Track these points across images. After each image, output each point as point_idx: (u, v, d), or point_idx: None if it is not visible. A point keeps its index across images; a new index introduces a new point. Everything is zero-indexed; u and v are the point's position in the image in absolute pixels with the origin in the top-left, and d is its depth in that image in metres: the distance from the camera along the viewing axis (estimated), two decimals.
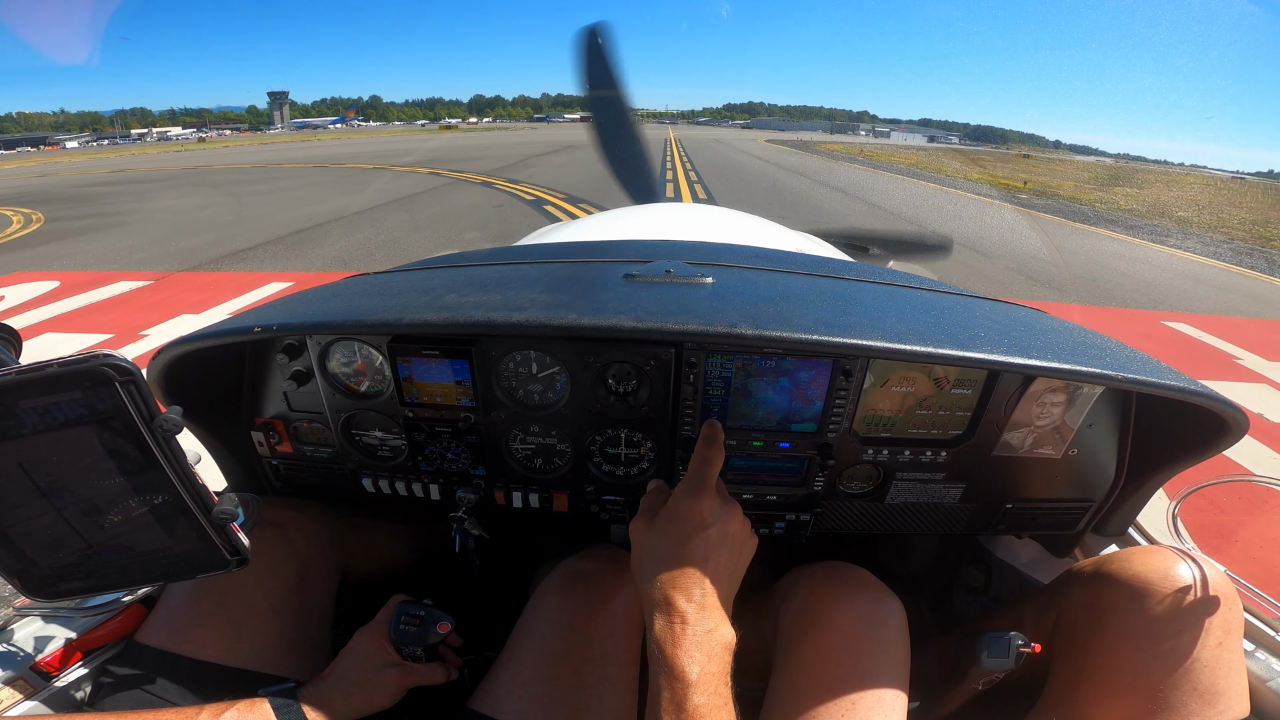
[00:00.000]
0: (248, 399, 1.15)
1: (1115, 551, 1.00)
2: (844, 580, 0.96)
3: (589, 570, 1.06)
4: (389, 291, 1.10)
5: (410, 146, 37.63)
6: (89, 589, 0.65)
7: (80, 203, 15.74)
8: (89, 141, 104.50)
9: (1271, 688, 0.89)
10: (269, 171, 22.87)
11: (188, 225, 11.61)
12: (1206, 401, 0.87)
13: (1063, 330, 1.03)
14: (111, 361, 0.53)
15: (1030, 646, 0.87)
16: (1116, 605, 0.90)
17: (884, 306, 1.02)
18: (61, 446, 0.55)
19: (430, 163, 23.64)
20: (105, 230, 11.23)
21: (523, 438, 1.12)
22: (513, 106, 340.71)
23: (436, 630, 0.91)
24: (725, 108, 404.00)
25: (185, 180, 21.25)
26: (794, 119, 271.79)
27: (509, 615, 1.03)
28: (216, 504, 0.63)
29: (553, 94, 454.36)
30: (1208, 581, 0.86)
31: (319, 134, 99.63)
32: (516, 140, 42.35)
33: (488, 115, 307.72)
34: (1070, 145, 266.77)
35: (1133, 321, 6.44)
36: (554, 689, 0.88)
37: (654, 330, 0.84)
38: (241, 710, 0.74)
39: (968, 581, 1.51)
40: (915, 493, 1.14)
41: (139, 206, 14.76)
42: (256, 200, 15.13)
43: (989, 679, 0.91)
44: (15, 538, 0.59)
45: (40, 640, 0.88)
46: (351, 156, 29.54)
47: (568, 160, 22.57)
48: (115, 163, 34.61)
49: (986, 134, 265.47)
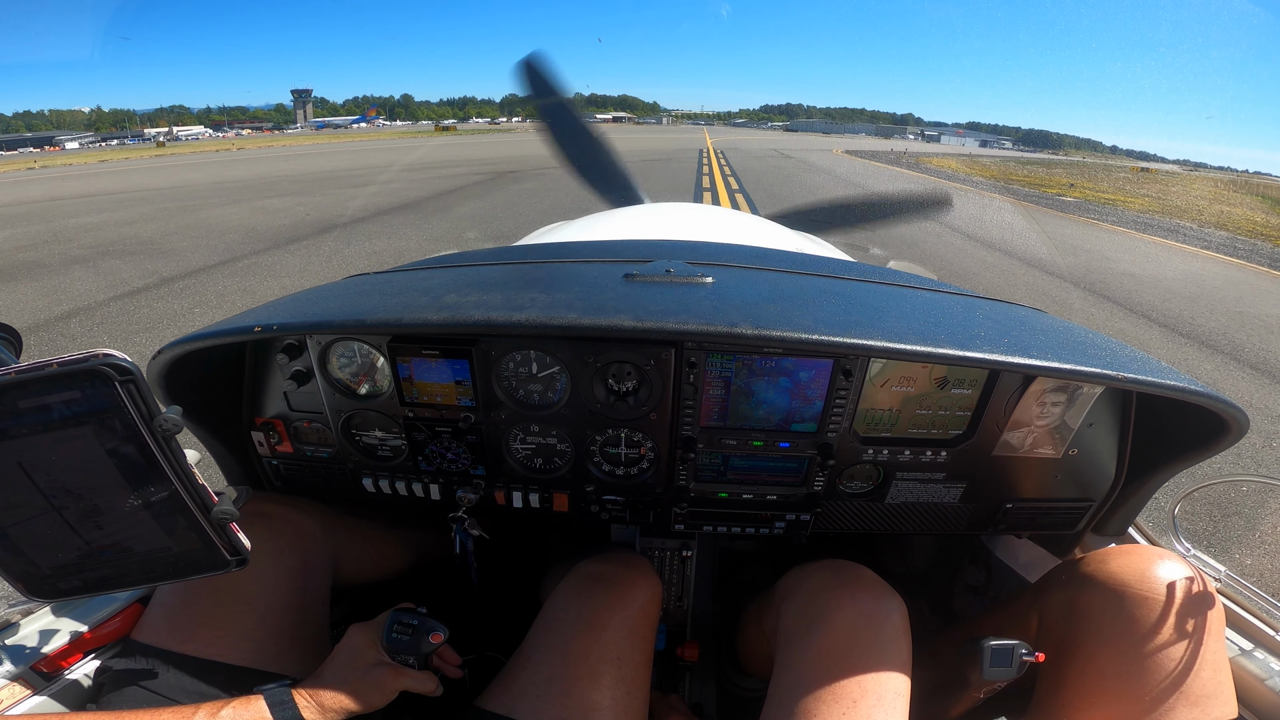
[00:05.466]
0: (248, 399, 1.15)
1: (1093, 552, 0.99)
2: (844, 578, 0.96)
3: (605, 572, 1.06)
4: (389, 291, 1.10)
5: (339, 164, 24.22)
6: (88, 589, 0.65)
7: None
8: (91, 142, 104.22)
9: (1270, 686, 0.89)
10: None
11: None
12: (1207, 401, 0.87)
13: (1063, 330, 1.03)
14: (111, 361, 0.53)
15: (1034, 656, 0.86)
16: (1093, 607, 0.89)
17: (884, 306, 1.02)
18: (61, 446, 0.55)
19: (306, 188, 14.92)
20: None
21: (523, 438, 1.12)
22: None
23: (429, 640, 0.90)
24: (762, 109, 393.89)
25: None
26: (835, 121, 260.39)
27: (509, 616, 1.03)
28: (216, 504, 0.63)
29: (586, 94, 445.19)
30: (1189, 581, 0.85)
31: (340, 134, 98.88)
32: (508, 154, 28.20)
33: (518, 115, 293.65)
34: (1127, 150, 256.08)
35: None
36: (571, 689, 0.89)
37: (654, 330, 0.84)
38: (238, 708, 0.74)
39: (968, 581, 1.51)
40: (915, 492, 1.14)
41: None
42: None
43: (991, 688, 0.91)
44: (15, 538, 0.59)
45: (41, 639, 0.88)
46: (210, 186, 16.88)
47: (524, 194, 13.37)
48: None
49: (1039, 139, 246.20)
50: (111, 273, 7.13)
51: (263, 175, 20.79)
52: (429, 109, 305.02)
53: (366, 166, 23.66)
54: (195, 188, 17.29)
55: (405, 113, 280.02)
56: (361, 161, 26.39)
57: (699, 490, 1.14)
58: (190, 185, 18.11)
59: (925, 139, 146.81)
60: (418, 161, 25.47)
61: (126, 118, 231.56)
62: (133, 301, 5.95)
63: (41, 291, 6.39)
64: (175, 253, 8.15)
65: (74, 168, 31.88)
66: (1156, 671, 0.81)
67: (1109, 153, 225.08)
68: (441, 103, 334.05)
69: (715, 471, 1.12)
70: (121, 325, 5.28)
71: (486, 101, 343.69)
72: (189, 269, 7.22)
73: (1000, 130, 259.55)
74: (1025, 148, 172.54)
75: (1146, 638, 0.83)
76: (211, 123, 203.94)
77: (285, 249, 8.33)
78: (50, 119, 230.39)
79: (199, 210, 12.29)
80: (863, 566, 1.00)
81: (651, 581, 1.08)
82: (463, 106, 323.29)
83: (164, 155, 41.79)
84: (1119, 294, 7.17)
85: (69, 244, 8.90)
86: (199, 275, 6.94)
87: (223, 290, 6.27)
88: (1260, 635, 0.96)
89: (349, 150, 37.31)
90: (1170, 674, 0.81)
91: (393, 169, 22.32)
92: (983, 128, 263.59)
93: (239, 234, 9.43)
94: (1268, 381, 4.78)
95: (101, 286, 6.49)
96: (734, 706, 1.40)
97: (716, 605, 1.58)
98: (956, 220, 12.17)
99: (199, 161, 31.53)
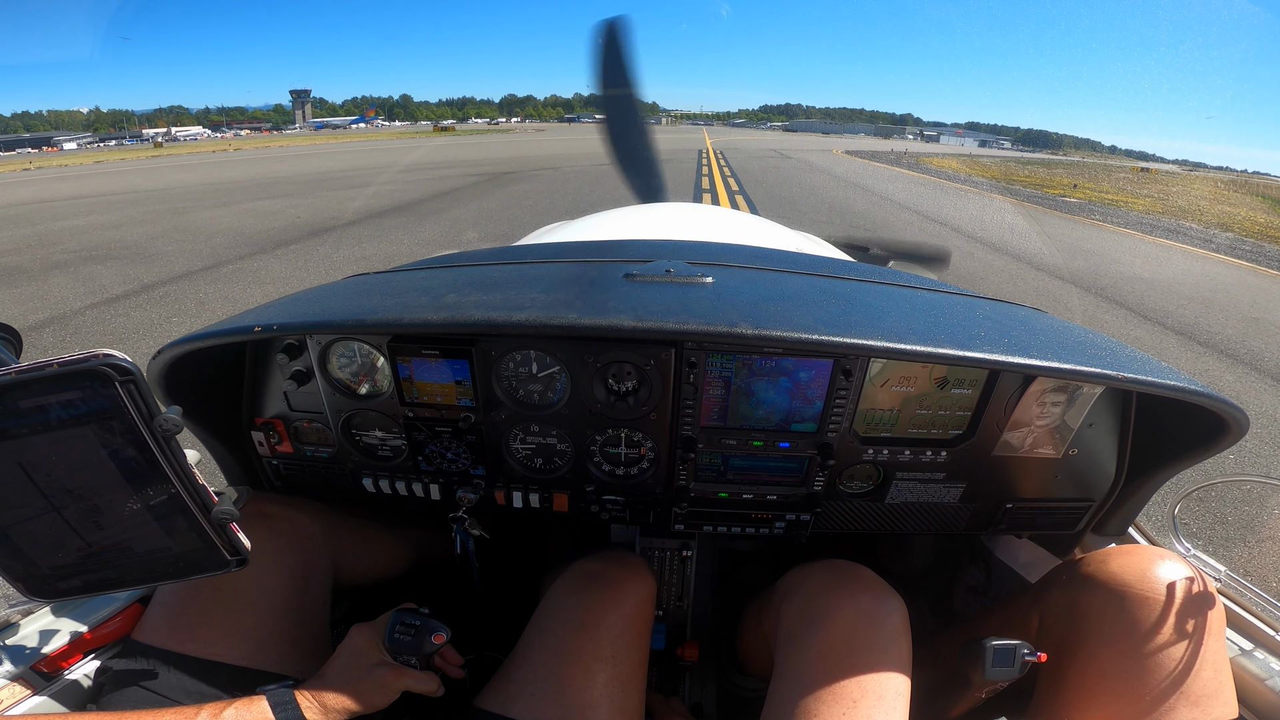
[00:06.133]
0: (248, 399, 1.15)
1: (1093, 552, 0.99)
2: (844, 578, 0.96)
3: (600, 570, 1.06)
4: (389, 291, 1.10)
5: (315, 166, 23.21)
6: (88, 589, 0.65)
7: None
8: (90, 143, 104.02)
9: (1270, 686, 0.89)
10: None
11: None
12: (1207, 401, 0.87)
13: (1063, 330, 1.03)
14: (112, 361, 0.53)
15: (1036, 656, 0.86)
16: (1094, 607, 0.89)
17: (884, 306, 1.02)
18: (61, 446, 0.55)
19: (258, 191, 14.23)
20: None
21: (523, 438, 1.12)
22: (544, 106, 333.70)
23: (432, 640, 0.90)
24: (762, 109, 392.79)
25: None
26: (834, 121, 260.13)
27: (510, 617, 1.03)
28: (216, 504, 0.62)
29: (585, 94, 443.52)
30: (1189, 581, 0.85)
31: (338, 135, 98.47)
32: (505, 154, 28.26)
33: (517, 115, 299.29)
34: (1126, 150, 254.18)
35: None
36: (565, 687, 0.89)
37: (654, 330, 0.84)
38: (240, 708, 0.74)
39: (968, 581, 1.51)
40: (915, 492, 1.14)
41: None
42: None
43: (993, 688, 0.91)
44: (15, 538, 0.59)
45: (41, 639, 0.88)
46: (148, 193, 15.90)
47: (520, 196, 12.67)
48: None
49: (1038, 139, 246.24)
50: (92, 279, 6.95)
51: (256, 176, 20.45)
52: (428, 109, 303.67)
53: (362, 167, 23.32)
54: (187, 189, 17.03)
55: (404, 113, 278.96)
56: (357, 162, 26.06)
57: (699, 490, 1.14)
58: (182, 187, 17.87)
59: (925, 139, 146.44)
60: (414, 163, 25.10)
61: (125, 118, 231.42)
62: (109, 310, 5.78)
63: (18, 299, 6.27)
64: (159, 257, 8.03)
65: (69, 169, 31.64)
66: (1157, 671, 0.81)
67: (1108, 153, 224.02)
68: (440, 103, 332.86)
69: (715, 471, 1.12)
70: (94, 336, 5.18)
71: (485, 102, 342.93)
72: (171, 275, 7.07)
73: (999, 130, 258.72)
74: (1024, 148, 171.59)
75: (1147, 638, 0.83)
76: (210, 123, 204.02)
77: (272, 253, 8.11)
78: (49, 119, 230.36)
79: (188, 213, 12.06)
80: (863, 566, 1.00)
81: (645, 580, 1.08)
82: (462, 107, 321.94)
83: (160, 156, 41.34)
84: (1132, 299, 7.12)
85: (53, 248, 8.76)
86: (180, 281, 6.78)
87: (203, 298, 6.11)
88: (1261, 635, 0.96)
89: (346, 151, 36.81)
90: (1171, 674, 0.81)
91: (390, 170, 21.95)
92: (982, 128, 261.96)
93: (226, 237, 9.22)
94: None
95: (80, 293, 6.35)
96: (734, 706, 1.40)
97: (716, 605, 1.58)
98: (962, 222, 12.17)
99: (194, 162, 31.17)
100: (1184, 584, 0.85)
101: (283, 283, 6.72)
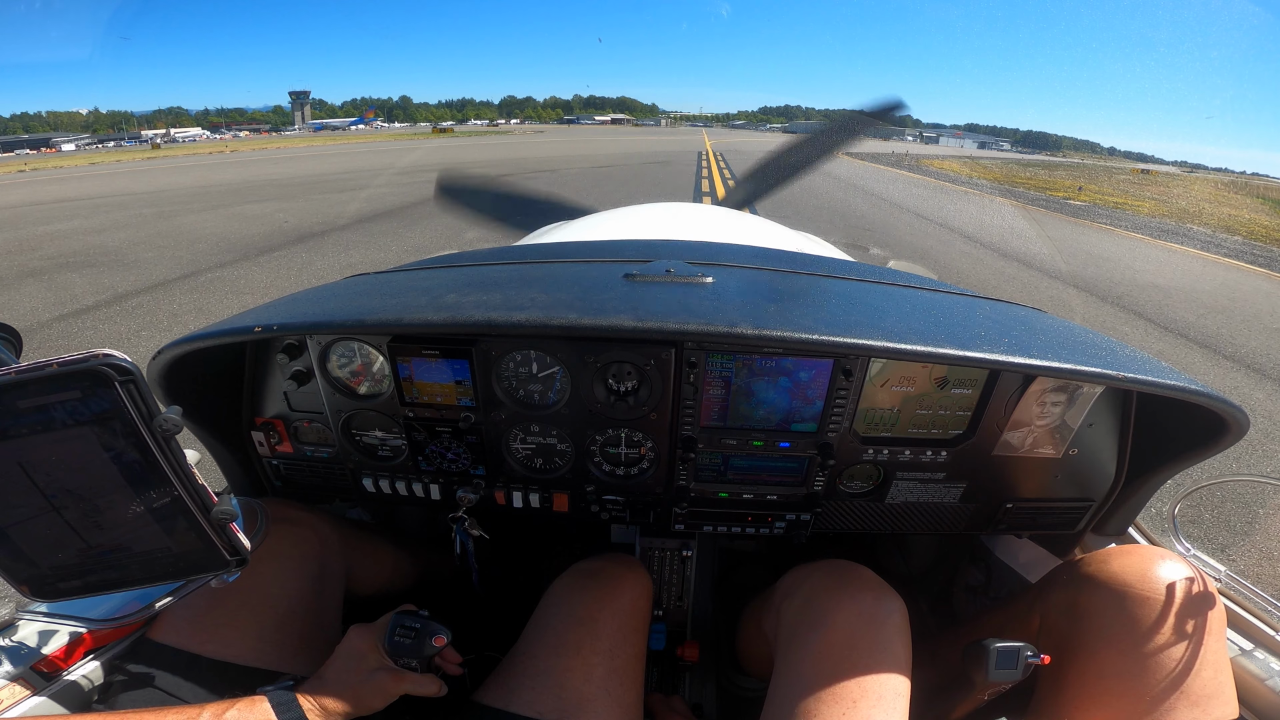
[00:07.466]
0: (248, 399, 1.15)
1: (1094, 552, 0.99)
2: (844, 578, 0.96)
3: (598, 568, 1.09)
4: (389, 291, 1.10)
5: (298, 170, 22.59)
6: (89, 589, 0.65)
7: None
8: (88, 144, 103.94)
9: (1270, 686, 0.89)
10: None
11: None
12: (1207, 401, 0.87)
13: (1063, 330, 1.03)
14: (111, 361, 0.53)
15: (1039, 658, 0.86)
16: (1094, 607, 0.89)
17: (884, 306, 1.02)
18: (61, 446, 0.55)
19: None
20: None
21: (523, 438, 1.12)
22: (543, 108, 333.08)
23: (432, 643, 0.90)
24: (761, 110, 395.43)
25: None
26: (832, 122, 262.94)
27: (510, 617, 1.03)
28: (216, 504, 0.62)
29: (584, 95, 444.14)
30: (1189, 581, 0.85)
31: (337, 136, 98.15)
32: (502, 156, 27.57)
33: (517, 116, 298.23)
34: (1125, 152, 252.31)
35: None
36: (565, 680, 0.90)
37: (654, 330, 0.84)
38: (242, 709, 0.74)
39: (967, 581, 1.51)
40: (915, 492, 1.14)
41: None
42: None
43: (995, 690, 0.91)
44: (15, 538, 0.59)
45: (41, 638, 0.88)
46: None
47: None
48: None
49: (1038, 140, 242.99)
50: (64, 287, 6.65)
51: (249, 179, 20.15)
52: (427, 110, 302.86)
53: (357, 170, 23.03)
54: (177, 192, 16.72)
55: (403, 114, 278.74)
56: (353, 165, 25.69)
57: (699, 490, 1.14)
58: (173, 190, 17.60)
59: (924, 140, 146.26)
60: (411, 165, 24.54)
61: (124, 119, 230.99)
62: (76, 322, 5.45)
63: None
64: (137, 264, 7.74)
65: (64, 170, 31.27)
66: (1157, 671, 0.81)
67: (1107, 154, 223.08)
68: (440, 104, 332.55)
69: (715, 471, 1.12)
70: (55, 352, 4.98)
71: (485, 103, 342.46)
72: (147, 284, 6.74)
73: (998, 131, 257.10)
74: (1024, 149, 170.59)
75: (1147, 638, 0.83)
76: (209, 124, 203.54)
77: (254, 260, 7.80)
78: (48, 120, 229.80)
79: (174, 217, 11.71)
80: (863, 566, 1.00)
81: (641, 577, 1.11)
82: (461, 108, 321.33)
83: (157, 158, 40.98)
84: (1150, 309, 6.90)
85: (30, 254, 8.47)
86: (155, 291, 6.43)
87: (176, 310, 5.78)
88: (1261, 635, 0.96)
89: (343, 153, 36.35)
90: (1171, 674, 0.81)
91: (387, 173, 21.47)
92: (981, 129, 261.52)
93: (209, 243, 8.88)
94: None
95: (50, 304, 6.03)
96: (734, 706, 1.40)
97: (716, 605, 1.58)
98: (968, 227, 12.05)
99: (190, 164, 30.71)
100: (1184, 584, 0.85)
101: (259, 293, 6.40)
